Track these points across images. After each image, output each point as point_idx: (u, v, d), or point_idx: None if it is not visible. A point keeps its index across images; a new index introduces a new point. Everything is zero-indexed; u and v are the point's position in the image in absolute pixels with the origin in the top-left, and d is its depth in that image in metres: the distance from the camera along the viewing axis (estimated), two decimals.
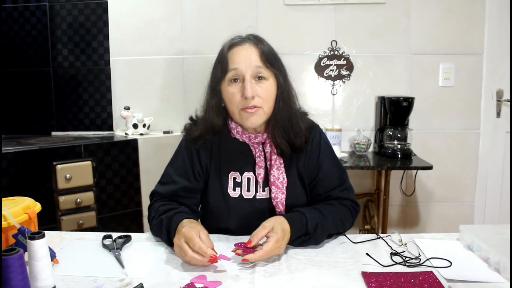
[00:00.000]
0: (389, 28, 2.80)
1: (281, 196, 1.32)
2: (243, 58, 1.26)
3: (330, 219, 1.25)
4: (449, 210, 2.95)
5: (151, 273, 1.05)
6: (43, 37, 2.85)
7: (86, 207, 2.39)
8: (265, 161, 1.35)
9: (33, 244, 0.94)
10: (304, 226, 1.18)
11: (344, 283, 1.00)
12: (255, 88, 1.26)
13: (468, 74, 2.82)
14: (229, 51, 1.28)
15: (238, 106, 1.28)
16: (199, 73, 2.83)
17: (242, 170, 1.36)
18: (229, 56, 1.27)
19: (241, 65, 1.25)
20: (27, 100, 2.91)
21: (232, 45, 1.29)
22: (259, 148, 1.35)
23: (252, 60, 1.26)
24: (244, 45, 1.28)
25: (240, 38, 1.31)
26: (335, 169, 1.39)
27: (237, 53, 1.27)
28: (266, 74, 1.28)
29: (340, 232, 1.30)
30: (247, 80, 1.25)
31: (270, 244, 1.08)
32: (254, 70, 1.26)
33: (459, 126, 2.87)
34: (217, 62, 1.31)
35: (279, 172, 1.33)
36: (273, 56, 1.30)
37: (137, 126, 2.72)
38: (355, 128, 2.83)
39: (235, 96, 1.27)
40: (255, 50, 1.27)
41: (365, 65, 2.83)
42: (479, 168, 2.91)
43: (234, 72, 1.26)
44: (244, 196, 1.35)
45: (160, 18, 2.84)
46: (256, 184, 1.35)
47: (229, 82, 1.28)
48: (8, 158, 2.19)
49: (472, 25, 2.78)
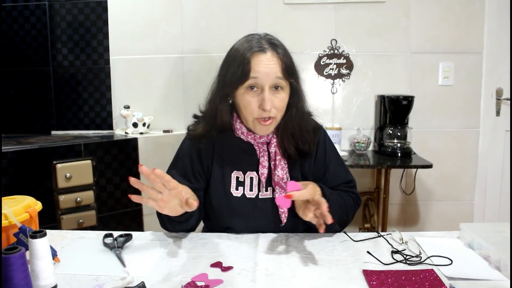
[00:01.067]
0: (389, 27, 2.80)
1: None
2: (265, 68, 1.22)
3: (340, 199, 1.31)
4: (449, 208, 2.95)
5: (153, 272, 1.05)
6: (43, 36, 2.84)
7: (86, 206, 2.39)
8: (269, 161, 1.35)
9: (35, 243, 0.94)
10: (321, 189, 1.22)
11: (345, 281, 1.00)
12: (273, 99, 1.25)
13: (467, 72, 2.82)
14: (251, 58, 1.23)
15: (253, 115, 1.26)
16: (199, 72, 2.84)
17: (245, 169, 1.35)
18: (252, 64, 1.23)
19: (262, 75, 1.22)
20: (27, 99, 2.91)
21: (255, 52, 1.24)
22: (263, 147, 1.35)
23: (273, 71, 1.23)
24: (266, 54, 1.24)
25: (258, 42, 1.26)
26: (341, 169, 1.42)
27: (260, 62, 1.23)
28: (283, 85, 1.26)
29: (344, 218, 1.31)
30: (266, 91, 1.23)
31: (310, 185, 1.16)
32: (273, 81, 1.24)
33: (458, 124, 2.87)
34: (236, 66, 1.25)
35: (283, 173, 1.33)
36: (292, 65, 1.28)
37: (137, 125, 2.71)
38: (355, 127, 2.83)
39: (251, 104, 1.25)
40: (277, 61, 1.24)
41: (365, 64, 2.84)
42: (478, 166, 2.91)
43: (253, 81, 1.23)
44: (247, 196, 1.34)
45: (160, 17, 2.84)
46: (259, 184, 1.35)
47: (246, 89, 1.25)
48: (8, 157, 2.19)
49: (471, 24, 2.78)
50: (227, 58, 1.31)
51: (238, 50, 1.27)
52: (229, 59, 1.30)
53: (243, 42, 1.29)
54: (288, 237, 1.28)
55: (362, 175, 2.92)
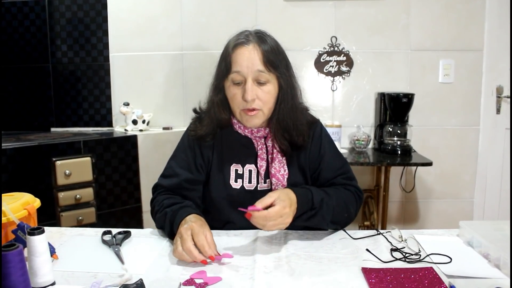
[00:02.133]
0: (389, 24, 2.79)
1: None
2: (246, 61, 1.25)
3: (335, 199, 1.27)
4: (449, 206, 2.95)
5: (151, 269, 1.05)
6: (42, 33, 2.84)
7: (86, 203, 2.39)
8: (267, 154, 1.36)
9: (33, 240, 0.93)
10: (310, 200, 1.20)
11: (344, 279, 0.99)
12: (256, 91, 1.27)
13: (468, 70, 2.82)
14: (233, 51, 1.27)
15: (239, 107, 1.30)
16: (199, 69, 2.83)
17: (244, 162, 1.37)
18: (233, 57, 1.27)
19: (243, 68, 1.25)
20: (26, 96, 2.90)
21: (237, 45, 1.27)
22: (261, 141, 1.37)
23: (254, 64, 1.25)
24: (248, 46, 1.26)
25: (245, 36, 1.29)
26: (337, 160, 1.41)
27: (241, 54, 1.26)
28: (268, 78, 1.27)
29: (345, 216, 1.30)
30: (248, 83, 1.25)
31: (276, 208, 1.09)
32: (255, 74, 1.26)
33: (459, 122, 2.87)
34: (222, 59, 1.31)
35: (280, 165, 1.35)
36: (276, 58, 1.28)
37: (137, 122, 2.71)
38: (355, 124, 2.83)
39: (236, 96, 1.28)
40: (257, 53, 1.26)
41: (365, 61, 2.83)
42: (478, 164, 2.91)
43: (236, 75, 1.26)
44: (246, 188, 1.36)
45: (160, 13, 2.83)
46: (258, 176, 1.37)
47: (231, 82, 1.29)
48: (8, 154, 2.19)
49: (472, 21, 2.77)
50: (221, 53, 1.35)
51: (227, 44, 1.32)
52: (221, 53, 1.34)
53: (233, 36, 1.33)
54: (287, 235, 1.27)
55: (362, 172, 2.91)
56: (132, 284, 0.93)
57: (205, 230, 1.11)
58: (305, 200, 1.19)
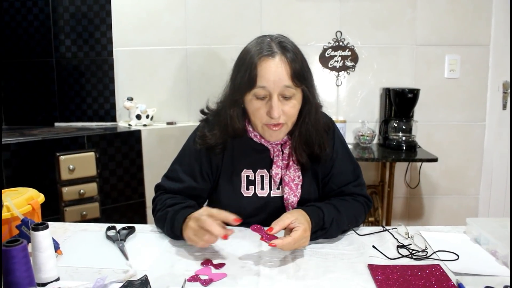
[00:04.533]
0: (395, 18, 2.77)
1: (293, 199, 1.30)
2: (272, 76, 1.16)
3: (345, 216, 1.23)
4: (454, 202, 2.94)
5: (156, 265, 1.05)
6: (46, 27, 2.83)
7: (90, 198, 2.39)
8: (282, 161, 1.32)
9: (37, 235, 0.93)
10: (321, 220, 1.17)
11: (350, 276, 0.99)
12: (282, 106, 1.19)
13: (474, 65, 2.79)
14: (259, 64, 1.17)
15: (261, 121, 1.22)
16: (203, 64, 2.81)
17: (256, 167, 1.32)
18: (259, 70, 1.16)
19: (270, 84, 1.16)
20: (30, 91, 2.90)
21: (262, 57, 1.17)
22: (277, 148, 1.31)
23: (281, 79, 1.16)
24: (274, 59, 1.17)
25: (267, 47, 1.19)
26: (348, 164, 1.37)
27: (267, 68, 1.16)
28: (294, 92, 1.19)
29: (354, 227, 1.28)
30: (274, 99, 1.17)
31: (299, 232, 1.05)
32: (282, 90, 1.17)
33: (464, 118, 2.84)
34: (244, 71, 1.19)
35: (295, 174, 1.31)
36: (302, 70, 1.20)
37: (141, 117, 2.70)
38: (360, 120, 2.81)
39: (259, 111, 1.20)
40: (285, 67, 1.17)
41: (370, 56, 2.81)
42: (484, 160, 2.89)
43: (261, 90, 1.17)
44: (259, 195, 1.32)
45: (164, 8, 2.81)
46: (271, 182, 1.32)
47: (253, 96, 1.20)
48: (11, 149, 2.19)
49: (478, 15, 2.75)
50: (238, 61, 1.25)
51: (247, 53, 1.21)
52: (239, 62, 1.24)
53: (254, 44, 1.23)
54: None
55: (366, 168, 2.90)
56: (137, 280, 0.93)
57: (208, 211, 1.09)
58: (317, 220, 1.16)
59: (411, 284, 0.94)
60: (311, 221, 1.13)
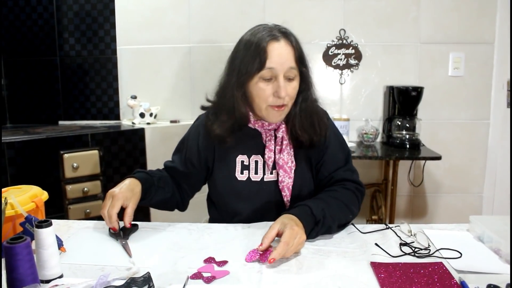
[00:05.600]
0: (398, 16, 2.76)
1: (288, 180, 1.34)
2: (279, 57, 1.23)
3: (335, 205, 1.24)
4: (458, 201, 2.93)
5: (159, 262, 1.05)
6: (50, 26, 2.84)
7: (93, 196, 2.40)
8: (275, 145, 1.35)
9: (40, 233, 0.93)
10: (310, 215, 1.17)
11: (353, 273, 0.98)
12: (286, 87, 1.25)
13: (478, 63, 2.78)
14: (268, 47, 1.22)
15: (266, 102, 1.26)
16: (206, 62, 2.82)
17: (250, 153, 1.37)
18: (268, 52, 1.22)
19: (278, 65, 1.22)
20: (34, 89, 2.91)
21: (270, 41, 1.23)
22: (270, 133, 1.36)
23: (287, 60, 1.24)
24: (280, 43, 1.24)
25: (269, 31, 1.25)
26: (340, 152, 1.40)
27: (275, 50, 1.22)
28: (296, 73, 1.27)
29: (350, 217, 1.28)
30: (281, 80, 1.23)
31: (287, 232, 1.05)
32: (287, 71, 1.24)
33: (468, 116, 2.84)
34: (251, 56, 1.24)
35: (289, 157, 1.34)
36: (303, 54, 1.29)
37: (144, 115, 2.71)
38: (363, 118, 2.81)
39: (265, 92, 1.25)
40: (290, 50, 1.25)
41: (373, 54, 2.80)
42: (488, 158, 2.88)
43: (268, 71, 1.23)
44: (252, 179, 1.36)
45: (167, 6, 2.82)
46: (264, 167, 1.36)
47: (259, 78, 1.24)
48: (16, 147, 2.20)
49: (483, 13, 2.73)
50: (238, 49, 1.29)
51: (250, 40, 1.25)
52: (240, 49, 1.28)
53: (255, 32, 1.27)
54: None
55: (370, 166, 2.90)
56: (140, 277, 0.93)
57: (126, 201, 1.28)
58: (306, 216, 1.16)
59: (414, 282, 0.93)
60: (300, 219, 1.14)
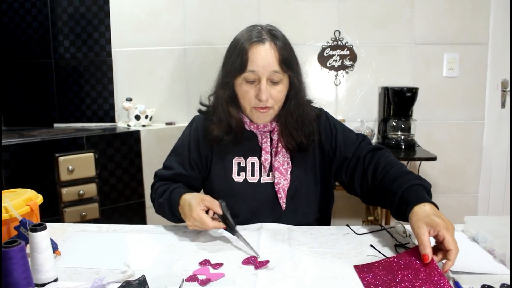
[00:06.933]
0: (393, 17, 2.77)
1: (284, 182, 1.35)
2: (262, 61, 1.23)
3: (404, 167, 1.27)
4: (453, 201, 2.94)
5: (154, 265, 1.05)
6: (44, 28, 2.83)
7: (89, 199, 2.39)
8: (271, 147, 1.37)
9: (35, 236, 0.93)
10: (423, 190, 1.20)
11: (348, 275, 0.99)
12: (269, 90, 1.26)
13: (472, 64, 2.79)
14: (250, 49, 1.24)
15: (250, 104, 1.29)
16: (202, 64, 2.82)
17: (247, 155, 1.38)
18: (250, 55, 1.24)
19: (259, 68, 1.23)
20: (29, 92, 2.90)
21: (253, 43, 1.24)
22: (265, 135, 1.37)
23: (270, 64, 1.24)
24: (264, 45, 1.24)
25: (258, 33, 1.26)
26: (351, 133, 1.40)
27: (257, 53, 1.24)
28: (281, 77, 1.27)
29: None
30: (263, 83, 1.25)
31: (447, 236, 0.98)
32: (270, 75, 1.25)
33: (463, 116, 2.84)
34: (236, 56, 1.26)
35: (284, 159, 1.35)
36: (290, 57, 1.28)
37: (140, 118, 2.71)
38: (358, 119, 2.81)
39: (248, 94, 1.27)
40: (274, 53, 1.24)
41: (368, 55, 2.81)
42: (483, 159, 2.89)
43: (251, 74, 1.25)
44: (249, 181, 1.37)
45: (162, 8, 2.81)
46: (261, 169, 1.37)
47: (243, 80, 1.27)
48: (11, 150, 2.19)
49: (477, 14, 2.75)
50: (229, 49, 1.32)
51: (238, 40, 1.29)
52: (230, 49, 1.31)
53: (244, 32, 1.30)
54: (290, 230, 1.27)
55: None
56: (135, 280, 0.93)
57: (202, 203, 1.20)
58: (424, 194, 1.18)
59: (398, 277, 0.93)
60: (427, 201, 1.12)
